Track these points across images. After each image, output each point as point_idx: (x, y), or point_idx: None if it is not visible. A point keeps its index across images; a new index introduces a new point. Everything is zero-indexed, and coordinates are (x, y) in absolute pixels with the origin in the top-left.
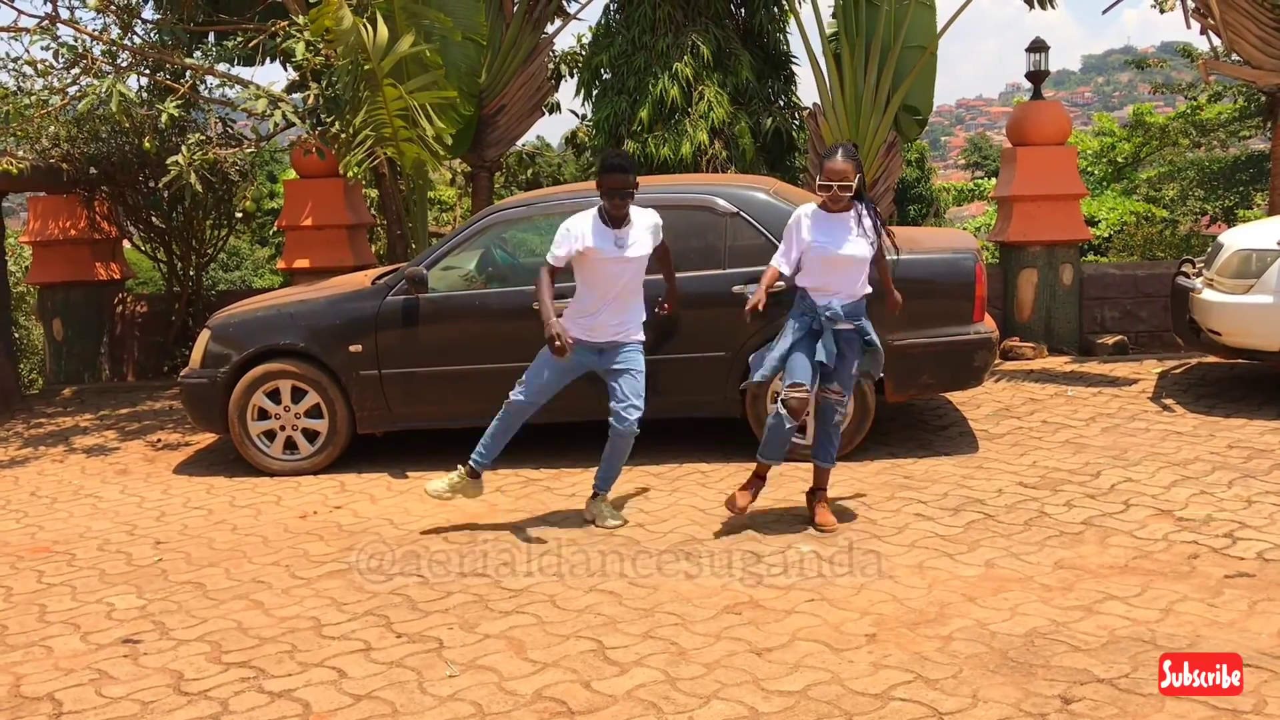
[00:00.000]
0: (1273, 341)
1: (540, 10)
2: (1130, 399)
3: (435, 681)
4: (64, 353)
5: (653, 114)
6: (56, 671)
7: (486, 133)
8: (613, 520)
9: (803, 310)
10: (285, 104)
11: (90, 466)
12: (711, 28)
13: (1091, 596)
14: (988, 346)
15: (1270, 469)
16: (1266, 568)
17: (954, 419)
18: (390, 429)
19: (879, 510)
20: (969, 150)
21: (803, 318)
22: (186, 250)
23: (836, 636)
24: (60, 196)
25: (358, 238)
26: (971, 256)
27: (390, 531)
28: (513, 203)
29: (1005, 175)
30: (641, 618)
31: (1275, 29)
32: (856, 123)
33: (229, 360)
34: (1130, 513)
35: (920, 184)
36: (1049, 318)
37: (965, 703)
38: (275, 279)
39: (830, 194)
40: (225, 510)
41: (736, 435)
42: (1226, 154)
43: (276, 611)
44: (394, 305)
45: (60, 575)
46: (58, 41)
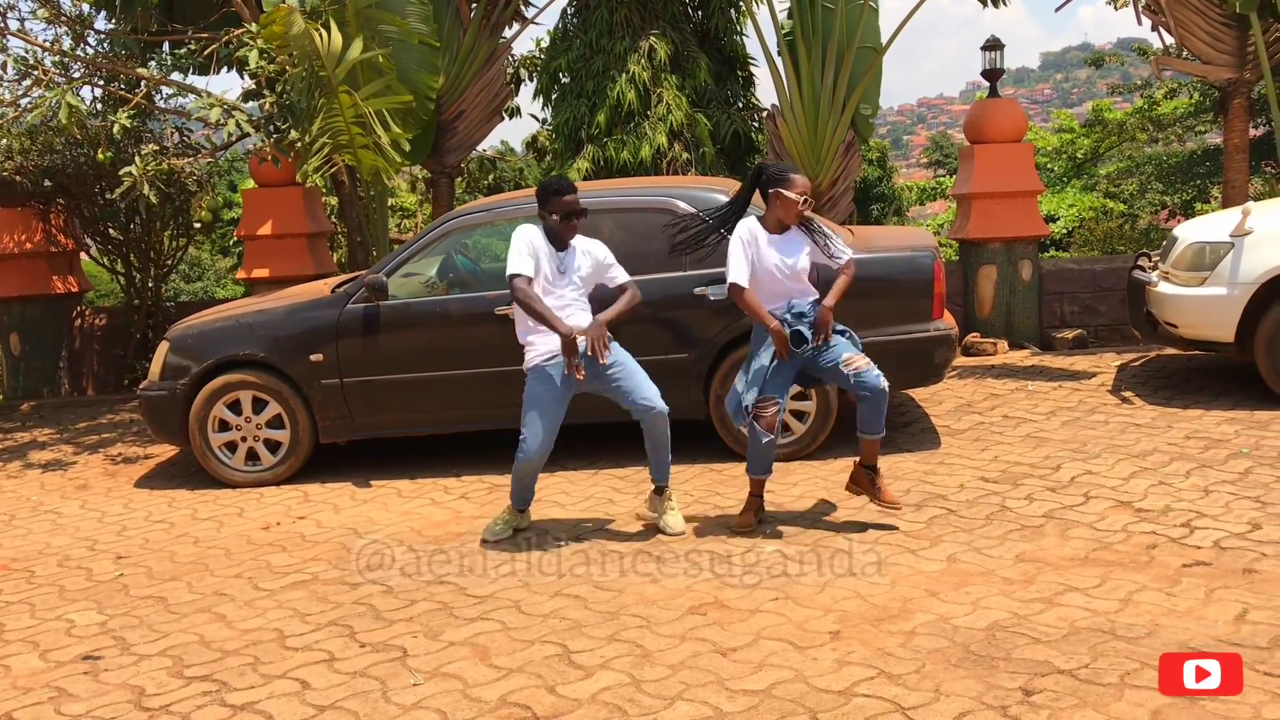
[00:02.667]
0: (1227, 332)
1: (498, 15)
2: (1090, 392)
3: (399, 690)
4: (21, 368)
5: (611, 117)
6: (15, 690)
7: (446, 138)
8: (676, 525)
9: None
10: (239, 112)
11: (49, 482)
12: (669, 30)
13: (1052, 589)
14: (948, 343)
15: (1226, 458)
16: (1223, 556)
17: (916, 415)
18: (353, 438)
19: (843, 507)
20: (930, 149)
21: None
22: (145, 262)
23: (801, 634)
24: (15, 209)
25: (318, 246)
26: (930, 254)
27: (354, 541)
28: (472, 208)
29: (963, 173)
30: (606, 621)
31: (1224, 24)
32: (815, 123)
33: (189, 372)
34: (1090, 505)
35: (882, 183)
36: (1009, 313)
37: (928, 697)
38: (238, 289)
39: (804, 207)
40: (187, 523)
41: (700, 438)
42: (1184, 148)
43: (239, 624)
44: (354, 313)
45: (19, 593)
46: (7, 53)
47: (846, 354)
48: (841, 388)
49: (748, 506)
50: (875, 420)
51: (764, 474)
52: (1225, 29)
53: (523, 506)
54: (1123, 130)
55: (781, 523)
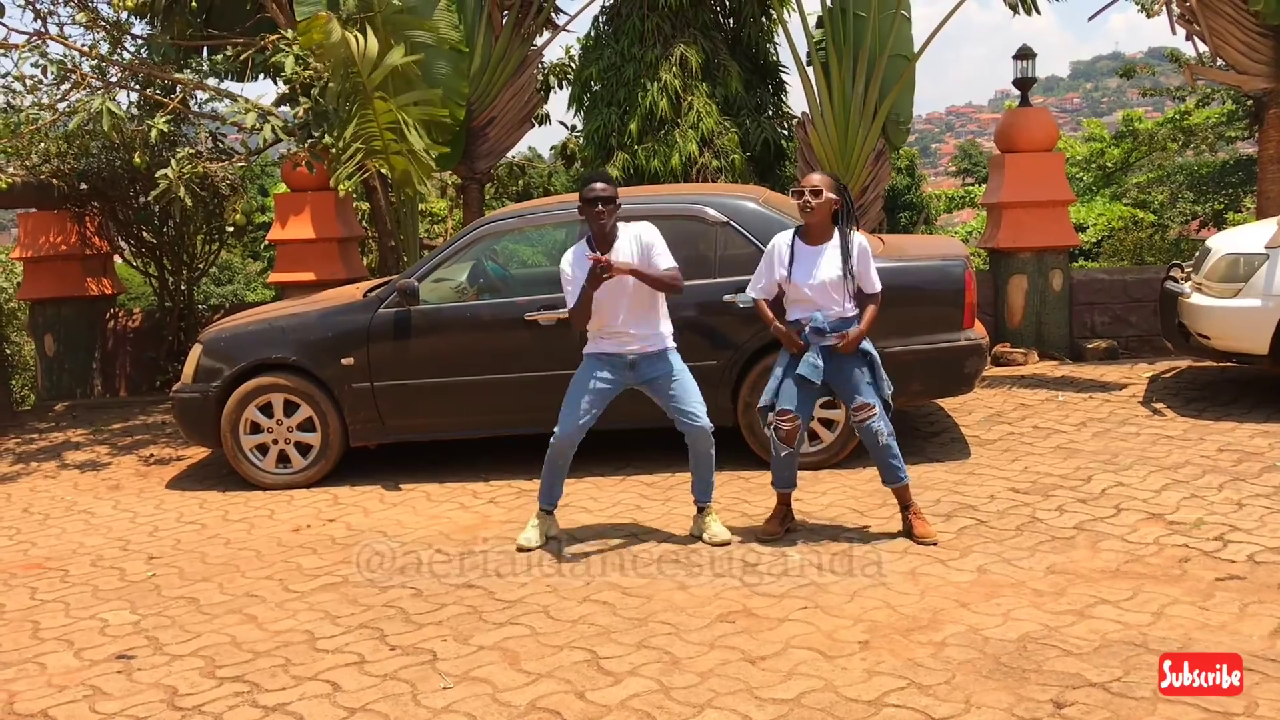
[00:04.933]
0: (1261, 344)
1: (529, 23)
2: (1121, 403)
3: (429, 694)
4: (56, 368)
5: (642, 125)
6: (50, 688)
7: (477, 145)
8: (720, 534)
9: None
10: (275, 118)
11: (83, 482)
12: (700, 39)
13: (1083, 601)
14: (978, 353)
15: (1260, 472)
16: (1257, 570)
17: (945, 425)
18: (383, 441)
19: (872, 517)
20: (959, 157)
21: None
22: (178, 265)
23: (830, 644)
24: (51, 212)
25: (349, 250)
26: (961, 264)
27: (384, 544)
28: (503, 214)
29: (994, 182)
30: (635, 627)
31: (1259, 34)
32: (845, 132)
33: (221, 374)
34: (1121, 517)
35: (911, 191)
36: (1039, 323)
37: (958, 708)
38: (268, 293)
39: (801, 200)
40: (218, 524)
41: (729, 444)
42: (1215, 158)
43: (270, 625)
44: (386, 318)
45: (53, 592)
46: (47, 58)
47: (860, 399)
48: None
49: (774, 515)
50: (886, 472)
51: (787, 487)
52: (1261, 38)
53: (549, 506)
54: (1153, 140)
55: (810, 531)
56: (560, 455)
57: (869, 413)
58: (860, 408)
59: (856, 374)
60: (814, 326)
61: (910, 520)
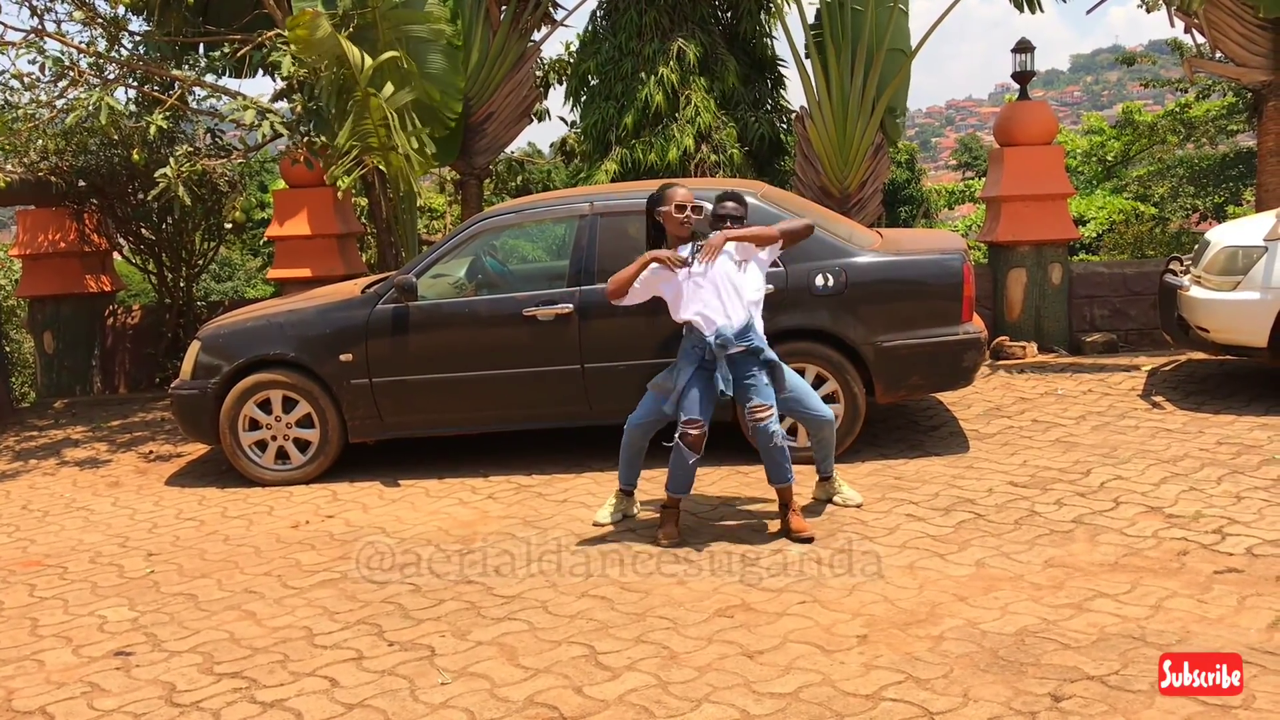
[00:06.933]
0: (1260, 337)
1: (527, 18)
2: (1120, 397)
3: (427, 689)
4: (55, 365)
5: (639, 119)
6: (48, 685)
7: (475, 140)
8: (853, 497)
9: (692, 343)
10: (273, 115)
11: (82, 479)
12: (698, 33)
13: (1081, 594)
14: (977, 346)
15: (1259, 465)
16: (1255, 563)
17: (944, 419)
18: (382, 437)
19: (870, 511)
20: (959, 151)
21: (693, 350)
22: (177, 262)
23: (828, 638)
24: (49, 209)
25: (347, 246)
26: (959, 257)
27: (382, 540)
28: (502, 209)
29: (993, 176)
30: (633, 622)
31: (1258, 26)
32: (844, 125)
33: (219, 371)
34: (1120, 510)
35: (910, 185)
36: (1038, 317)
37: (956, 702)
38: (267, 289)
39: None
40: (217, 521)
41: (725, 439)
42: (1216, 151)
43: (269, 621)
44: (384, 314)
45: (52, 589)
46: (44, 54)
47: (757, 400)
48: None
49: (665, 520)
50: (773, 470)
51: (681, 493)
52: (1260, 31)
53: (628, 487)
54: (1154, 133)
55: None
56: (630, 443)
57: (765, 413)
58: (756, 408)
59: (755, 384)
60: (719, 341)
61: (789, 519)
